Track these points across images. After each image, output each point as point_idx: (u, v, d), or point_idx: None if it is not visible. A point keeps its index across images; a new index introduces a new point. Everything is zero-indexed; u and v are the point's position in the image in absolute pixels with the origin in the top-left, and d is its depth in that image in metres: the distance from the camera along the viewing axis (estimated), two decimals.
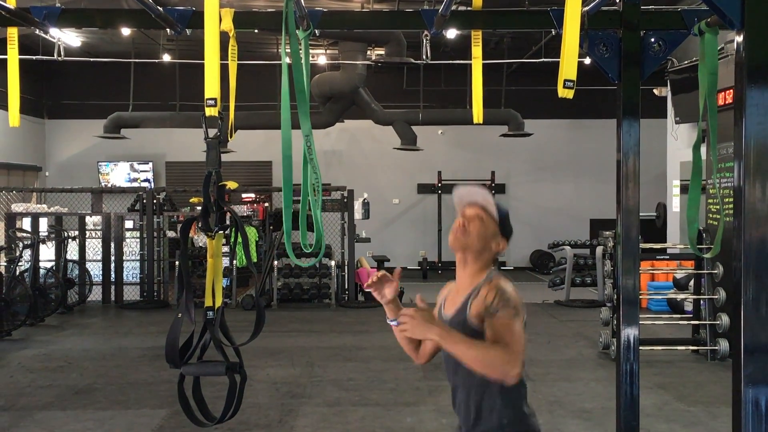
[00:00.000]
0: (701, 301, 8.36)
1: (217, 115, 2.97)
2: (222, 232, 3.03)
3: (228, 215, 3.06)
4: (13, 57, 3.51)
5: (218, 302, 3.03)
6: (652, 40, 3.60)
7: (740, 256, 2.62)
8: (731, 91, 8.24)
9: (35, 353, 8.58)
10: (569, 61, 2.47)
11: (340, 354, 8.46)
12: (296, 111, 3.01)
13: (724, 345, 7.93)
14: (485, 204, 2.85)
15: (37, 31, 3.57)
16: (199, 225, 3.02)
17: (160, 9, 3.37)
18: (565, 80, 2.45)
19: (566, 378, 7.41)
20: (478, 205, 2.85)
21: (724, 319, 7.95)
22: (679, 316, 9.69)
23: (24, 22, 3.43)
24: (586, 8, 3.35)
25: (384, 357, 8.16)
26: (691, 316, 8.79)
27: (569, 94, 2.47)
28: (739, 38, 2.58)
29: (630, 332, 3.70)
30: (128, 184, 17.89)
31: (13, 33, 3.56)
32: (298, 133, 2.98)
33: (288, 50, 2.95)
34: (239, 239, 3.07)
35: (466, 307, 2.76)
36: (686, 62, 11.31)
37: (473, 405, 2.82)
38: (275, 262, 11.99)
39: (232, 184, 3.12)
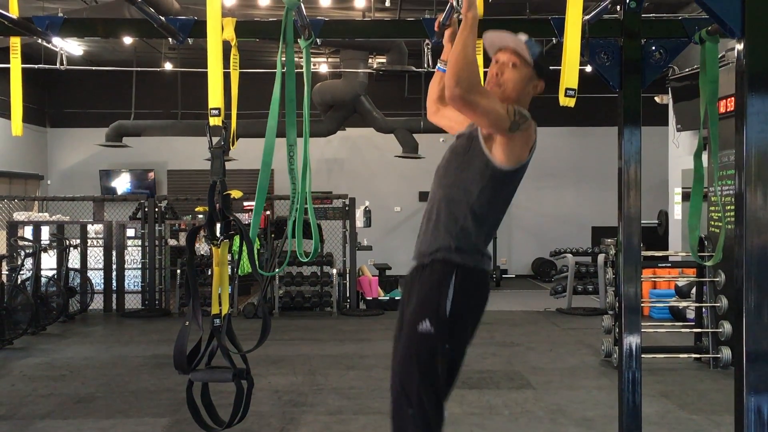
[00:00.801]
0: (703, 309, 8.34)
1: (220, 124, 2.99)
2: (227, 240, 3.05)
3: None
4: (15, 66, 3.53)
5: (225, 310, 3.05)
6: (653, 48, 3.61)
7: (742, 263, 2.62)
8: (732, 98, 8.25)
9: (37, 362, 8.58)
10: (570, 70, 2.48)
11: (341, 362, 8.45)
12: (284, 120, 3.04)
13: (726, 353, 7.91)
14: (517, 47, 2.86)
15: (40, 40, 3.58)
16: (205, 234, 3.04)
17: (162, 19, 3.39)
18: (567, 89, 2.45)
19: (568, 386, 7.39)
20: (510, 49, 2.85)
21: (727, 327, 7.94)
22: (681, 323, 9.68)
23: (27, 31, 3.45)
24: (587, 17, 3.37)
25: (386, 365, 8.12)
26: (693, 323, 8.77)
27: (571, 102, 2.47)
28: (740, 46, 2.58)
29: (632, 340, 3.71)
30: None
31: (15, 42, 3.58)
32: (299, 141, 3.00)
33: (284, 59, 2.97)
34: (244, 247, 3.09)
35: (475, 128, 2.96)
36: (687, 70, 11.32)
37: (442, 215, 3.02)
38: (276, 270, 11.99)
39: (236, 193, 3.14)
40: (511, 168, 3.02)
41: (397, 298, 12.77)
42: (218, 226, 3.06)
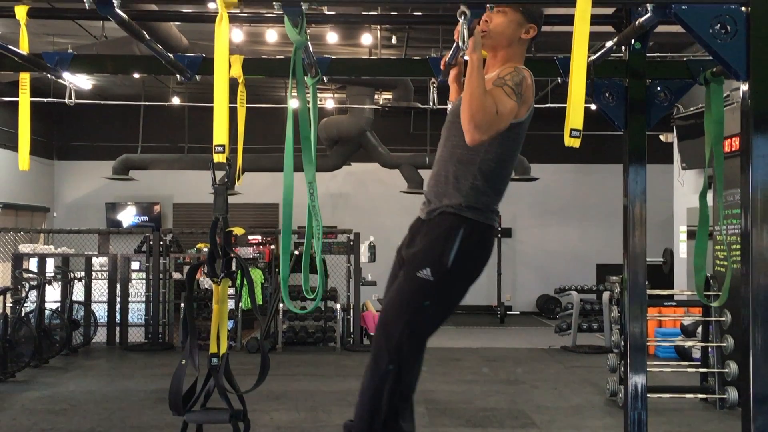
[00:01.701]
0: (709, 349, 8.28)
1: (225, 161, 3.00)
2: (228, 278, 3.04)
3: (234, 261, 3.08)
4: (24, 102, 3.56)
5: (223, 349, 3.03)
6: (658, 88, 3.63)
7: (748, 303, 2.61)
8: (737, 138, 8.27)
9: (38, 395, 8.53)
10: (576, 110, 2.49)
11: (344, 399, 8.38)
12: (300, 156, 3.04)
13: (732, 393, 7.83)
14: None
15: (49, 75, 3.62)
16: (205, 271, 3.03)
17: (171, 56, 3.42)
18: (572, 129, 2.46)
19: (573, 426, 7.32)
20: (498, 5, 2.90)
21: (733, 367, 7.87)
22: (686, 363, 9.59)
23: (36, 67, 3.49)
24: (593, 57, 3.39)
25: None
26: (699, 363, 8.70)
27: (576, 143, 2.48)
28: (745, 87, 2.60)
29: (637, 380, 3.68)
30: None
31: (25, 78, 3.61)
32: (302, 176, 3.00)
33: (295, 97, 2.98)
34: (245, 284, 3.08)
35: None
36: (692, 109, 11.36)
37: (450, 175, 3.04)
38: (281, 305, 11.95)
39: (238, 231, 3.14)
40: (517, 121, 3.05)
41: None
42: (219, 262, 3.05)
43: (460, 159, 3.04)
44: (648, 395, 3.71)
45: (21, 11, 3.35)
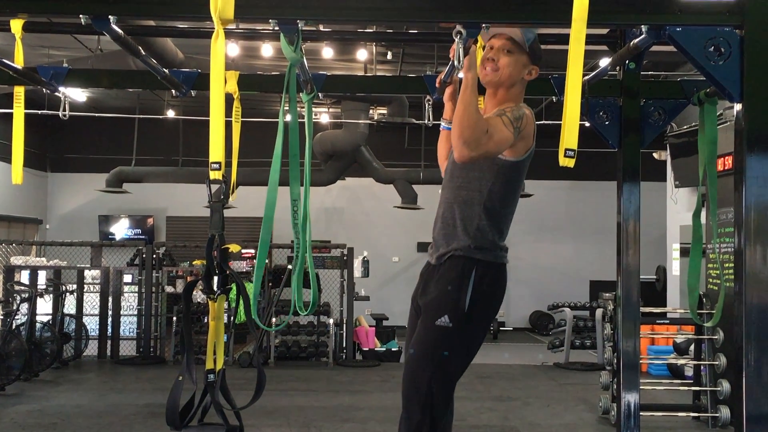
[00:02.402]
0: (702, 367, 8.28)
1: (220, 178, 3.00)
2: (224, 294, 3.04)
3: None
4: (18, 115, 3.55)
5: (219, 364, 3.02)
6: (652, 108, 3.65)
7: (741, 321, 2.62)
8: (730, 156, 8.30)
9: (28, 409, 8.47)
10: (570, 131, 2.50)
11: (337, 414, 8.35)
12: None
13: (725, 412, 7.82)
14: (512, 34, 2.88)
15: (44, 89, 3.62)
16: (201, 288, 3.03)
17: (166, 71, 3.43)
18: (566, 149, 2.47)
19: None
20: (504, 35, 2.88)
21: (725, 386, 7.86)
22: (679, 381, 9.59)
23: (31, 81, 3.49)
24: (587, 77, 3.41)
25: (381, 418, 8.06)
26: (691, 381, 8.70)
27: (570, 163, 2.49)
28: (739, 107, 2.62)
29: (630, 398, 3.68)
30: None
31: (19, 92, 3.61)
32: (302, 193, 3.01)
33: (287, 113, 2.99)
34: (241, 300, 3.07)
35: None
36: (686, 127, 11.41)
37: (457, 218, 3.05)
38: (273, 319, 11.92)
39: (234, 247, 3.14)
40: (518, 159, 3.05)
41: (393, 349, 12.67)
42: (215, 279, 3.05)
43: (465, 200, 3.05)
44: (641, 413, 3.70)
45: (16, 25, 3.35)
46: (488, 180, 3.03)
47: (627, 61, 3.52)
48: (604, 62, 3.55)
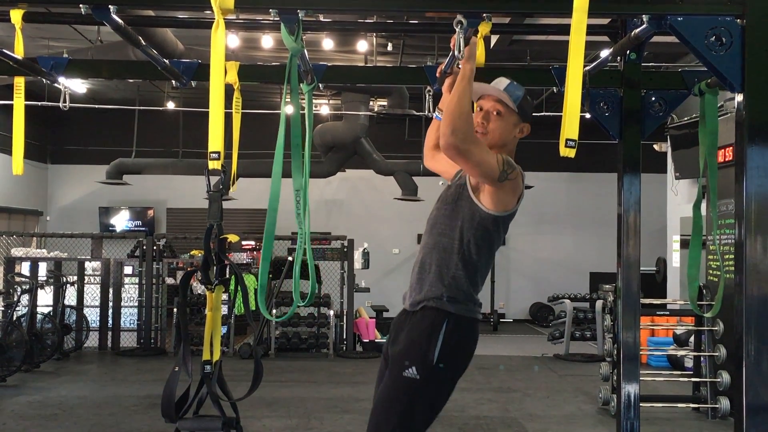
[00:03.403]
0: (701, 358, 8.30)
1: (219, 168, 2.99)
2: (221, 285, 3.03)
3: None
4: (19, 106, 3.55)
5: (216, 356, 3.02)
6: (653, 99, 3.64)
7: (741, 313, 2.62)
8: (731, 148, 8.29)
9: (29, 400, 8.49)
10: (571, 121, 2.49)
11: (337, 405, 8.37)
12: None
13: (725, 403, 7.84)
14: (500, 96, 2.86)
15: (44, 80, 3.61)
16: (199, 278, 3.02)
17: (166, 62, 3.42)
18: (567, 140, 2.46)
19: None
20: (493, 97, 2.87)
21: (725, 377, 7.88)
22: (679, 372, 9.61)
23: (31, 72, 3.48)
24: (588, 67, 3.40)
25: None
26: (691, 372, 8.72)
27: (571, 153, 2.48)
28: (740, 98, 2.61)
29: (630, 389, 3.68)
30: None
31: (20, 82, 3.60)
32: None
33: (289, 102, 2.98)
34: (239, 291, 3.07)
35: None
36: (686, 118, 11.40)
37: (434, 264, 3.03)
38: (273, 311, 11.94)
39: (233, 238, 3.13)
40: (499, 214, 3.04)
41: None
42: (213, 269, 3.04)
43: (444, 247, 3.03)
44: (641, 404, 3.71)
45: (16, 15, 3.34)
46: (468, 230, 3.02)
47: (628, 52, 3.51)
48: (605, 53, 3.54)
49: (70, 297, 12.21)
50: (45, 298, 11.59)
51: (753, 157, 2.54)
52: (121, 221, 18.44)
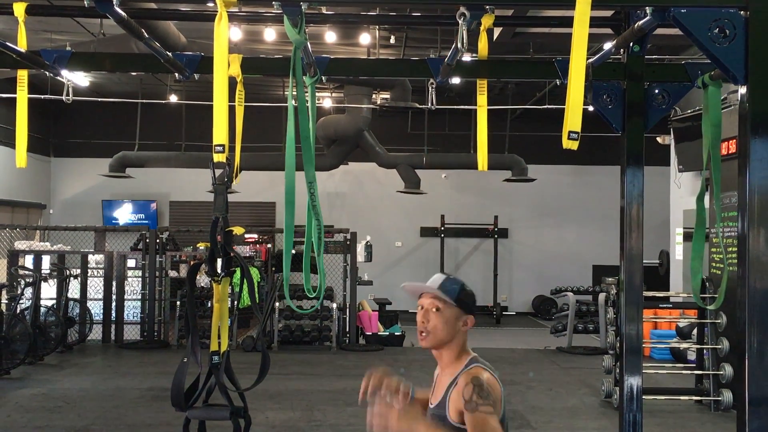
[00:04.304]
0: (704, 351, 8.30)
1: (224, 161, 2.98)
2: (228, 277, 3.04)
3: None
4: (22, 99, 3.55)
5: (224, 346, 3.03)
6: (656, 91, 3.63)
7: (744, 305, 2.61)
8: (734, 141, 8.27)
9: (33, 392, 8.52)
10: (574, 113, 2.48)
11: (340, 398, 8.39)
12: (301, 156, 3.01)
13: (727, 396, 7.85)
14: (435, 293, 2.76)
15: (47, 73, 3.61)
16: (206, 270, 3.03)
17: (169, 54, 3.41)
18: (570, 132, 2.46)
19: (568, 427, 7.33)
20: (430, 294, 2.78)
21: (728, 370, 7.89)
22: (682, 365, 9.62)
23: (34, 65, 3.47)
24: (591, 60, 3.39)
25: None
26: (694, 365, 8.72)
27: (574, 145, 2.48)
28: (743, 91, 2.60)
29: (633, 381, 3.67)
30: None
31: (23, 75, 3.60)
32: (301, 175, 2.99)
33: (294, 96, 2.97)
34: (245, 284, 3.08)
35: (445, 404, 2.70)
36: (689, 111, 11.38)
37: None
38: (276, 304, 11.95)
39: (238, 230, 3.13)
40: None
41: (396, 333, 12.70)
42: (219, 261, 3.05)
43: None
44: (643, 397, 3.71)
45: (19, 8, 3.34)
46: None
47: (631, 44, 3.50)
48: (608, 46, 3.53)
49: (74, 290, 12.24)
50: (48, 291, 11.61)
51: (756, 150, 2.53)
52: (124, 214, 18.45)
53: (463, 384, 2.65)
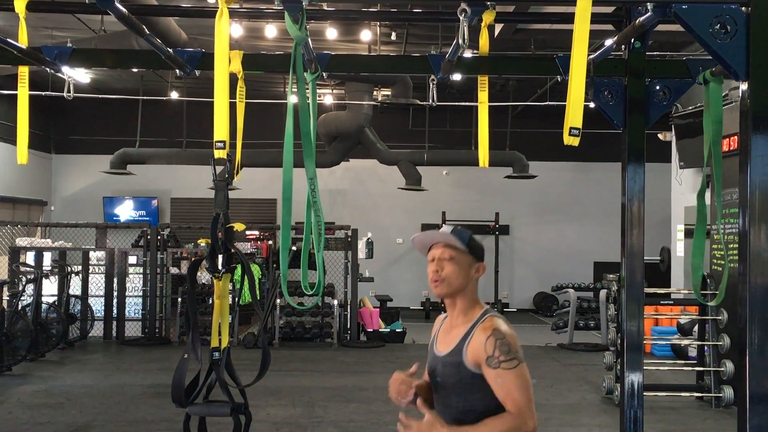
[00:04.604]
0: (705, 347, 8.30)
1: (225, 157, 2.98)
2: (228, 273, 3.04)
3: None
4: (23, 95, 3.55)
5: (224, 343, 3.03)
6: (657, 87, 3.62)
7: (745, 302, 2.61)
8: (735, 137, 8.26)
9: (35, 389, 8.53)
10: (575, 109, 2.48)
11: (341, 395, 8.39)
12: (301, 152, 3.01)
13: (728, 392, 7.85)
14: (447, 240, 2.77)
15: (48, 69, 3.60)
16: (207, 266, 3.02)
17: (170, 51, 3.41)
18: (571, 128, 2.46)
19: (569, 423, 7.33)
20: (441, 243, 2.78)
21: (729, 366, 7.89)
22: (683, 361, 9.61)
23: (35, 61, 3.47)
24: (592, 56, 3.39)
25: (385, 398, 8.07)
26: (695, 362, 8.72)
27: (575, 141, 2.47)
28: (744, 87, 2.60)
29: (634, 378, 3.68)
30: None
31: (24, 71, 3.61)
32: (301, 172, 2.98)
33: (295, 92, 2.97)
34: (245, 280, 3.07)
35: (461, 351, 2.69)
36: (691, 108, 11.36)
37: None
38: (277, 301, 11.96)
39: (239, 226, 3.13)
40: None
41: (398, 330, 12.70)
42: (220, 258, 3.05)
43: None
44: (644, 393, 3.71)
45: (20, 4, 3.34)
46: (493, 398, 2.70)
47: (632, 40, 3.49)
48: (609, 42, 3.52)
49: (75, 287, 12.25)
50: (50, 287, 11.62)
51: (757, 146, 2.53)
52: (126, 211, 18.46)
53: (483, 337, 2.65)
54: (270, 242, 14.34)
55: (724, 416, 7.67)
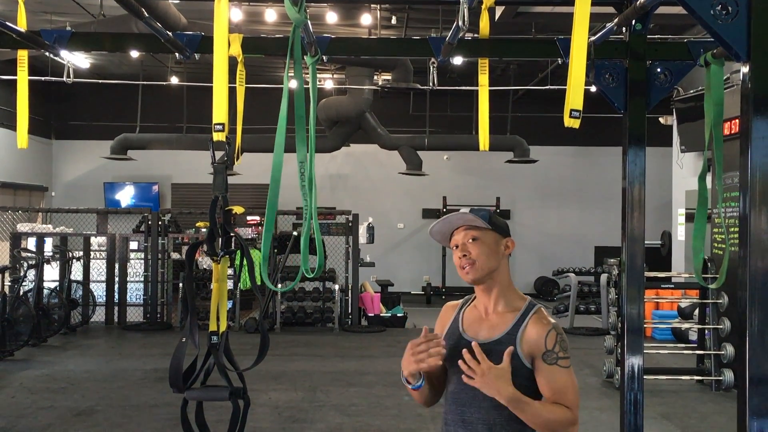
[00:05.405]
0: (706, 331, 8.32)
1: (224, 139, 2.97)
2: (227, 256, 3.03)
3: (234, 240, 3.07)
4: (22, 80, 3.53)
5: (223, 327, 3.02)
6: (658, 70, 3.61)
7: (746, 286, 2.61)
8: (737, 120, 8.24)
9: (37, 374, 8.56)
10: (576, 91, 2.47)
11: (342, 379, 8.42)
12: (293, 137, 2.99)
13: (729, 375, 7.87)
14: (467, 221, 2.69)
15: (47, 53, 3.59)
16: (205, 249, 3.02)
17: (170, 34, 3.40)
18: (572, 110, 2.45)
19: None
20: (461, 227, 2.70)
21: (729, 350, 7.91)
22: (683, 345, 9.64)
23: (34, 45, 3.46)
24: (593, 38, 3.37)
25: (387, 382, 8.12)
26: (695, 345, 8.74)
27: (575, 123, 2.46)
28: (745, 69, 2.58)
29: (634, 361, 3.68)
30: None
31: (23, 56, 3.59)
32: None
33: (292, 76, 2.95)
34: (245, 263, 3.06)
35: (514, 339, 2.61)
36: (692, 91, 11.34)
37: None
38: (279, 285, 11.98)
39: (238, 209, 3.12)
40: None
41: (399, 314, 12.73)
42: (219, 241, 3.03)
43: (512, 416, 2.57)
44: (645, 377, 3.72)
45: None
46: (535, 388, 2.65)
47: (633, 22, 3.47)
48: (610, 25, 3.51)
49: (76, 272, 12.27)
50: (51, 273, 11.65)
51: (758, 128, 2.52)
52: (126, 196, 18.46)
53: (543, 330, 2.62)
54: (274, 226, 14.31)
55: (724, 399, 7.70)
